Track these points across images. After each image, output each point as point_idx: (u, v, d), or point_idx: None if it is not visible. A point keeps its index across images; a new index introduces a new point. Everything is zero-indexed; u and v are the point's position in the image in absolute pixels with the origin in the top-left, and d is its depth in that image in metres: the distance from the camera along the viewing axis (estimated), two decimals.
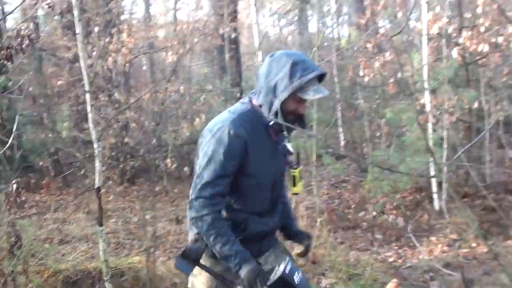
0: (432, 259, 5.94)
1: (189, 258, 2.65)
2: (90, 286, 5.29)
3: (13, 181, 4.74)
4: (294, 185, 2.89)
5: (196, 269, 2.73)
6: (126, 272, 5.48)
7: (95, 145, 5.11)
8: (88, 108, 5.15)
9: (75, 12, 5.13)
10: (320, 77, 2.71)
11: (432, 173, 7.41)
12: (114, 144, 8.64)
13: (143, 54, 10.61)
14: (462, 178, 8.20)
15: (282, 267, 2.67)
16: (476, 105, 7.53)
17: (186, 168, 8.91)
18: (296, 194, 3.03)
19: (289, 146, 2.82)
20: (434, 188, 7.53)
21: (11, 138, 5.02)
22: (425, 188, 7.93)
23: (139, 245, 6.82)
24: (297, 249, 3.10)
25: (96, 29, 8.96)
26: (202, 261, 2.68)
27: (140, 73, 14.05)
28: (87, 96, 5.16)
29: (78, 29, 5.16)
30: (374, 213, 7.30)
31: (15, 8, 6.37)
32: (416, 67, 7.74)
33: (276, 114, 2.65)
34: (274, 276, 2.65)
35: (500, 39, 7.12)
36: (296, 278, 2.69)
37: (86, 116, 9.44)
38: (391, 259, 5.98)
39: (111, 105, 8.97)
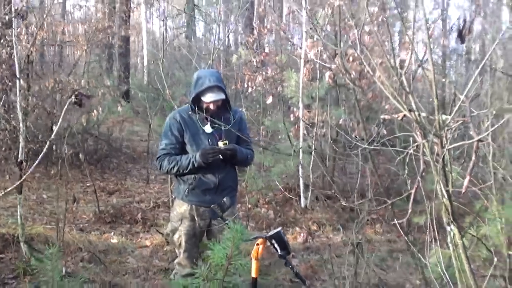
0: (295, 243, 7.20)
1: None
2: (3, 248, 5.98)
3: None
4: None
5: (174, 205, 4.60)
6: (35, 238, 6.26)
7: (21, 124, 5.87)
8: (17, 93, 5.87)
9: (13, 9, 5.87)
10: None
11: (301, 176, 8.69)
12: (14, 127, 9.10)
13: (51, 45, 11.09)
14: (327, 183, 9.53)
15: None
16: (341, 121, 8.86)
17: (80, 155, 9.55)
18: None
19: (206, 128, 4.42)
20: (302, 188, 8.80)
21: None
22: (294, 189, 9.16)
23: (39, 219, 7.59)
24: None
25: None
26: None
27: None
28: (17, 82, 5.86)
29: (15, 24, 5.93)
30: (249, 206, 8.40)
31: None
32: (293, 85, 8.98)
33: (191, 109, 4.40)
34: None
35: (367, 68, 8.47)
36: None
37: None
38: None
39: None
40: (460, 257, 2.38)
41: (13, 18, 5.89)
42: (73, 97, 3.30)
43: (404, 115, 2.41)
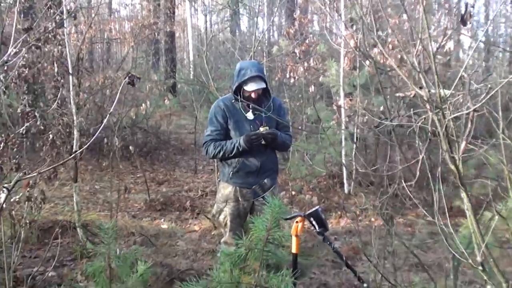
0: (338, 227, 7.42)
1: None
2: (61, 233, 6.36)
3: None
4: None
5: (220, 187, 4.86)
6: (90, 224, 6.64)
7: (75, 118, 6.26)
8: (70, 88, 6.26)
9: (64, 10, 6.24)
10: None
11: (344, 163, 8.87)
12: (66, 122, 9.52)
13: (100, 42, 11.55)
14: (370, 169, 9.67)
15: None
16: (382, 108, 8.99)
17: (130, 147, 9.93)
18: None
19: (248, 115, 4.70)
20: (345, 175, 8.99)
21: None
22: (338, 175, 9.35)
23: (93, 207, 8.00)
24: None
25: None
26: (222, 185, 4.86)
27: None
28: (70, 78, 6.25)
29: (66, 23, 6.30)
30: (294, 192, 8.64)
31: None
32: (334, 74, 9.16)
33: (234, 97, 4.65)
34: None
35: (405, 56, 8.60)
36: None
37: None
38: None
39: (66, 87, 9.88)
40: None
41: (64, 18, 6.24)
42: (126, 78, 3.57)
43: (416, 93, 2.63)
